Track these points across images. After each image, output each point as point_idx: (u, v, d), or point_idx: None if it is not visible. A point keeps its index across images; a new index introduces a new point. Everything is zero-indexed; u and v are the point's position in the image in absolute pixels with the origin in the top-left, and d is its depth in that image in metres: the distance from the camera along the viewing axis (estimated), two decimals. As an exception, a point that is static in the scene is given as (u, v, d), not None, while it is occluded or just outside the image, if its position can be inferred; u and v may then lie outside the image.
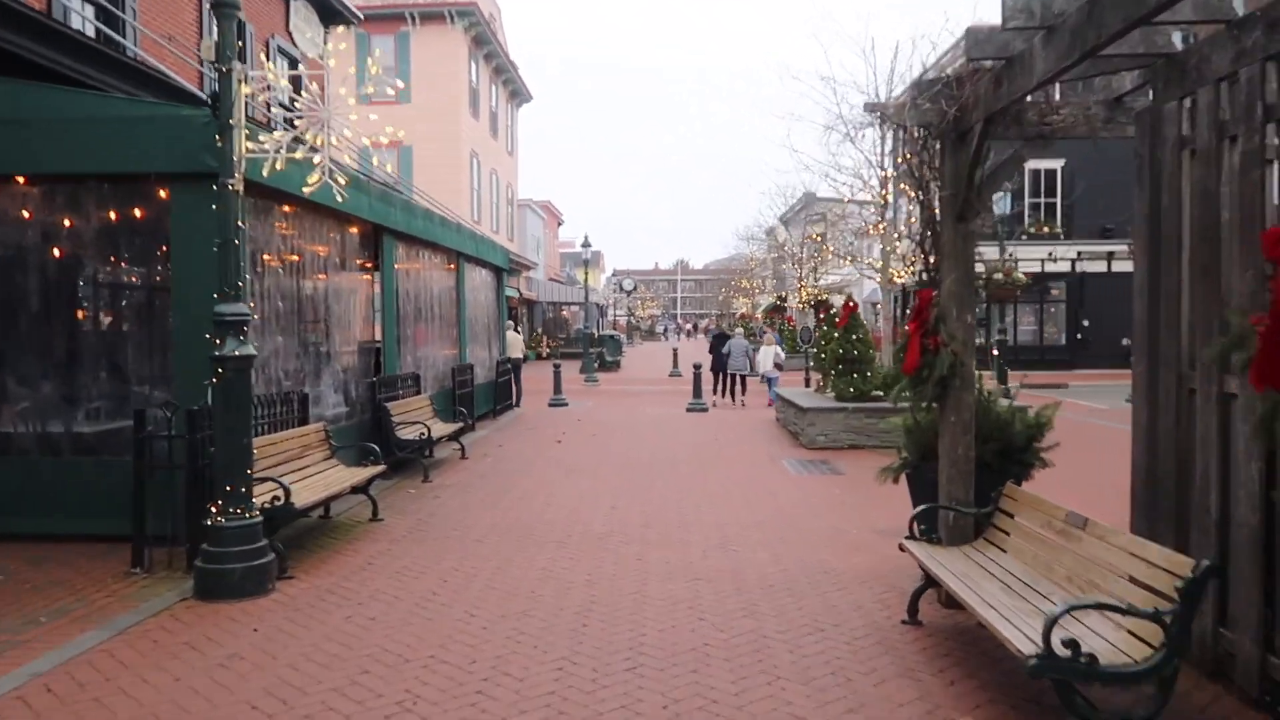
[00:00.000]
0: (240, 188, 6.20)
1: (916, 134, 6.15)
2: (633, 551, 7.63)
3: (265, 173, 6.27)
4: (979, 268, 14.24)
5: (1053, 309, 35.39)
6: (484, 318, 18.40)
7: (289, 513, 6.78)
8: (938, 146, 6.15)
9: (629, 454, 13.38)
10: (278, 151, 6.18)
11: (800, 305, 40.43)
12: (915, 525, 5.84)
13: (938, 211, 6.13)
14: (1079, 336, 34.30)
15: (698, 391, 20.32)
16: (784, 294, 65.55)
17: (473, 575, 6.89)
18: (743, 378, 22.63)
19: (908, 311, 18.29)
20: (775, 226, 69.71)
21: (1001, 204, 19.96)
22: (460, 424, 13.05)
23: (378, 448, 9.32)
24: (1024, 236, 32.95)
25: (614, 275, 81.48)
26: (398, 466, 11.46)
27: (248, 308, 6.24)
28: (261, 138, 6.22)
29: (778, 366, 22.14)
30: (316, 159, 6.22)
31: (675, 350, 35.20)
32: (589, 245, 33.87)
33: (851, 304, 15.03)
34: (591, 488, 10.62)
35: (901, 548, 5.81)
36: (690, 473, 11.71)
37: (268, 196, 8.74)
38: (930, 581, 5.60)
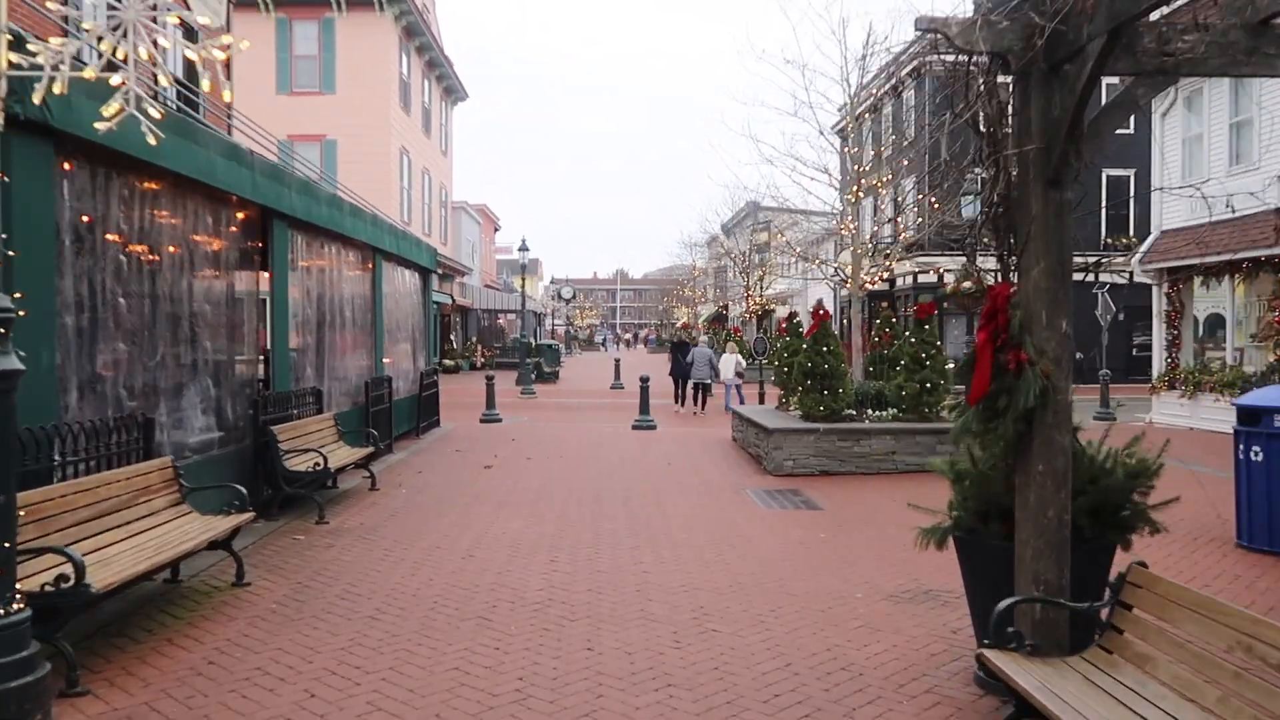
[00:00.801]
0: (-1, 120, 4.14)
1: (989, 65, 4.38)
2: (580, 634, 5.70)
3: (38, 98, 4.21)
4: (947, 277, 12.58)
5: (1005, 321, 34.37)
6: (407, 324, 16.28)
7: (82, 598, 4.69)
8: (1012, 85, 4.39)
9: (571, 483, 11.44)
10: (57, 68, 4.13)
11: (747, 314, 38.97)
12: (996, 626, 4.02)
13: (1015, 174, 4.36)
14: (1032, 350, 33.30)
15: (645, 407, 18.46)
16: (726, 303, 64.33)
17: (353, 683, 4.88)
18: (705, 386, 22.32)
19: (877, 321, 16.59)
20: (718, 235, 68.61)
21: (973, 205, 18.57)
22: (370, 448, 10.94)
23: (244, 489, 7.21)
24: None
25: (552, 283, 79.25)
26: (288, 504, 9.36)
27: (9, 300, 4.16)
28: (32, 46, 4.15)
29: (739, 374, 22.01)
30: (118, 80, 4.18)
31: (617, 361, 33.30)
32: (526, 249, 31.89)
33: (822, 311, 13.33)
34: (526, 531, 8.65)
35: (983, 662, 3.98)
36: (644, 509, 9.82)
37: (108, 161, 6.67)
38: (1024, 710, 3.80)
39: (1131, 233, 33.90)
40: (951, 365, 13.40)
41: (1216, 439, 16.14)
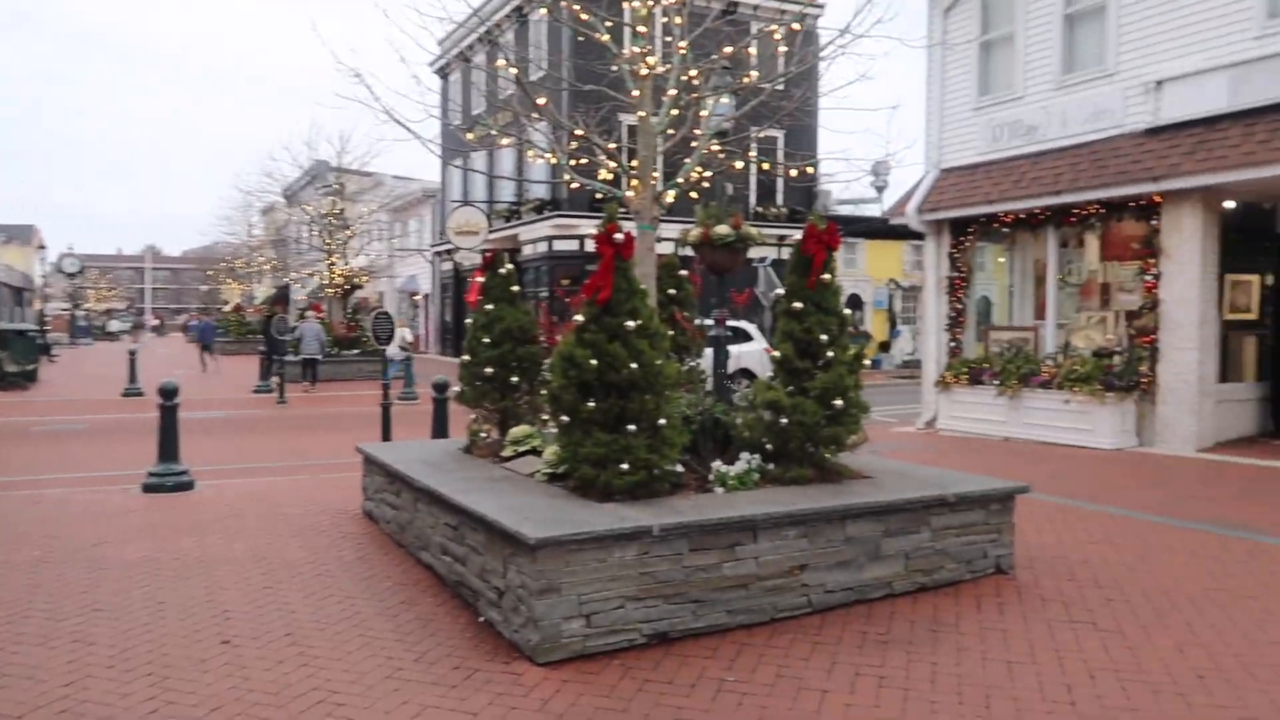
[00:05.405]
0: None
1: None
2: None
3: None
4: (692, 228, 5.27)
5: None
6: None
7: None
8: None
9: None
10: None
11: (330, 289, 29.40)
12: None
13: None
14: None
15: (169, 447, 9.34)
16: (288, 281, 53.45)
17: None
18: (314, 361, 22.47)
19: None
20: (275, 203, 56.77)
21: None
22: None
23: None
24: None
25: (58, 256, 60.46)
26: None
27: None
28: None
29: (403, 349, 20.40)
30: None
31: (132, 354, 21.98)
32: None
33: (619, 236, 5.60)
34: None
35: None
36: None
37: None
38: None
39: (780, 200, 30.38)
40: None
41: (1079, 454, 11.19)
